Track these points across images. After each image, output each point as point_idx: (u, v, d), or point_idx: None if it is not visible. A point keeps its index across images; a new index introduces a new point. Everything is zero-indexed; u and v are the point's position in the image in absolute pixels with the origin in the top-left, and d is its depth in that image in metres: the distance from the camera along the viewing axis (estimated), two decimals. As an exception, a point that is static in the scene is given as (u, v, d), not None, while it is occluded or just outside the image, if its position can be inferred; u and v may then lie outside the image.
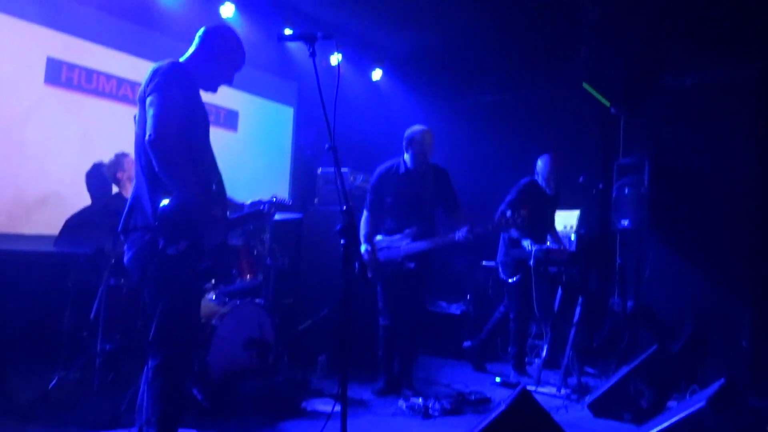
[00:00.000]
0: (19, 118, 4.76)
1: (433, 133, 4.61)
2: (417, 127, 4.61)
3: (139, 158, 2.68)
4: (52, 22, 4.92)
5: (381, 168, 4.73)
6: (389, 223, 4.65)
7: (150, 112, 2.51)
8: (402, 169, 4.63)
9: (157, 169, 2.51)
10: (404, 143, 4.62)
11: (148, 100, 2.56)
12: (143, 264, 2.59)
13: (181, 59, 2.84)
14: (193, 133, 2.64)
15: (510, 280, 5.41)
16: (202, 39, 2.87)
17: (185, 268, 2.57)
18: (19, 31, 4.73)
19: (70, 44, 5.07)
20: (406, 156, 4.62)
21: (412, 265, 4.47)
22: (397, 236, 4.55)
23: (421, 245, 4.47)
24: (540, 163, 5.52)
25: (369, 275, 4.46)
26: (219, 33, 2.89)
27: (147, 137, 2.49)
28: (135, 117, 2.75)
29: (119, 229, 2.69)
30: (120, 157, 4.64)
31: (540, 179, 5.50)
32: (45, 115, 4.92)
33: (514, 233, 5.28)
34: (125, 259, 2.70)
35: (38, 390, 3.88)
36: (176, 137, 2.51)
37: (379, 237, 4.62)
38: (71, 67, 5.08)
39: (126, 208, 2.70)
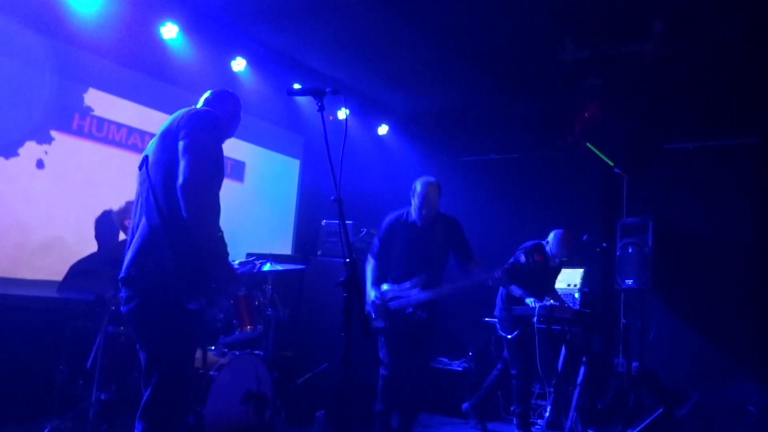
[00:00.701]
0: (28, 163, 4.82)
1: (439, 184, 4.58)
2: (422, 178, 4.59)
3: (150, 200, 2.55)
4: (65, 71, 5.04)
5: (390, 216, 4.69)
6: (395, 272, 4.54)
7: (186, 158, 2.48)
8: (410, 218, 4.58)
9: (186, 215, 2.42)
10: (411, 192, 4.60)
11: (182, 144, 2.52)
12: (155, 315, 2.45)
13: (198, 106, 2.89)
14: (218, 184, 2.62)
15: (508, 336, 5.36)
16: (214, 98, 2.98)
17: (199, 325, 2.49)
18: (32, 78, 4.84)
19: (82, 93, 5.18)
20: (413, 204, 4.57)
21: (424, 314, 4.34)
22: (406, 284, 4.43)
23: (435, 292, 4.33)
24: (552, 237, 5.54)
25: (372, 328, 4.41)
26: (226, 95, 3.03)
27: (180, 181, 2.44)
28: (141, 159, 2.70)
29: (122, 275, 2.55)
30: (129, 205, 4.66)
31: (548, 248, 5.52)
32: (54, 161, 4.98)
33: (515, 291, 5.26)
34: (126, 308, 2.54)
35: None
36: (208, 184, 2.49)
37: (385, 286, 4.52)
38: (83, 115, 5.17)
39: (131, 254, 2.55)
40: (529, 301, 5.16)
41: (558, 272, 5.72)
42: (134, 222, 2.67)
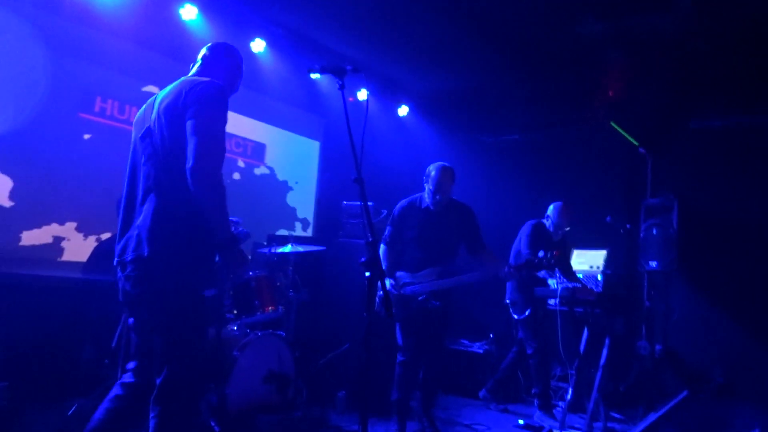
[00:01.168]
0: (52, 146, 4.86)
1: (452, 170, 4.53)
2: (436, 164, 4.54)
3: (151, 178, 2.52)
4: (86, 54, 5.06)
5: (403, 202, 4.67)
6: (409, 258, 4.53)
7: (195, 139, 2.42)
8: (423, 204, 4.56)
9: (198, 198, 2.38)
10: (424, 177, 4.57)
11: (190, 124, 2.45)
12: (171, 299, 2.42)
13: (192, 74, 2.83)
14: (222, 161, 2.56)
15: (519, 317, 5.35)
16: (213, 54, 2.89)
17: (212, 310, 2.52)
18: (54, 61, 4.87)
19: (103, 76, 5.20)
20: (427, 190, 4.55)
21: (437, 303, 4.34)
22: (422, 273, 4.42)
23: (448, 282, 4.32)
24: (552, 209, 5.52)
25: (392, 310, 4.41)
26: (223, 48, 2.93)
27: (189, 164, 2.39)
28: (144, 128, 2.62)
29: (131, 256, 2.47)
30: None
31: (548, 224, 5.48)
32: (77, 144, 5.02)
33: (540, 273, 5.21)
34: (135, 290, 2.48)
35: (57, 417, 3.86)
36: (218, 167, 2.45)
37: (400, 272, 4.51)
38: (105, 97, 5.20)
39: (142, 233, 2.46)
40: (552, 282, 5.12)
41: (564, 247, 5.64)
42: (129, 194, 2.61)
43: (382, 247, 4.61)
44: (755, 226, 6.15)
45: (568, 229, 5.52)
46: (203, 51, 2.89)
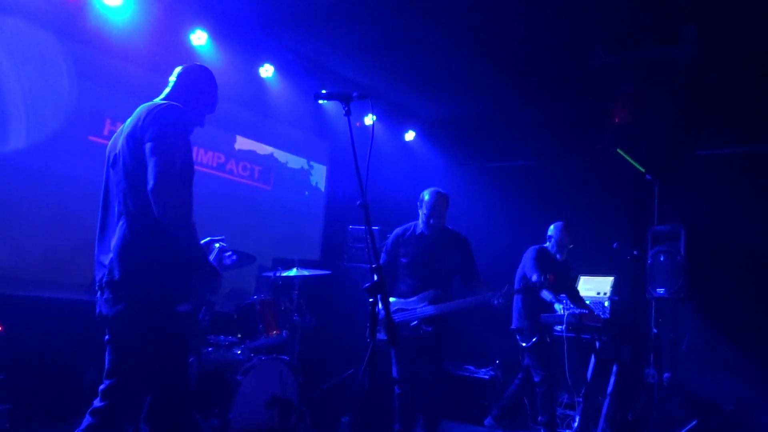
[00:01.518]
0: (60, 168, 4.90)
1: (447, 195, 4.51)
2: (430, 189, 4.53)
3: (120, 203, 2.58)
4: (96, 77, 5.13)
5: (398, 230, 4.66)
6: (403, 285, 4.49)
7: (152, 161, 2.46)
8: (417, 231, 4.53)
9: (160, 218, 2.42)
10: (418, 204, 4.55)
11: (148, 146, 2.50)
12: (147, 320, 2.45)
13: (160, 98, 2.85)
14: (188, 178, 2.59)
15: (526, 344, 5.31)
16: (184, 77, 2.91)
17: (190, 325, 2.48)
18: (64, 84, 4.93)
19: (113, 99, 5.26)
20: (421, 217, 4.52)
21: (429, 329, 4.27)
22: (413, 299, 4.38)
23: (440, 308, 4.26)
24: (552, 229, 5.52)
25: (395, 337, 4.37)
26: (196, 69, 2.95)
27: (150, 185, 2.42)
28: (112, 156, 2.70)
29: (104, 278, 2.53)
30: None
31: (551, 245, 5.46)
32: (86, 166, 5.06)
33: (546, 296, 5.18)
34: (110, 311, 2.52)
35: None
36: (178, 185, 2.47)
37: (392, 299, 4.44)
38: (114, 120, 5.25)
39: (113, 256, 2.53)
40: (558, 308, 5.09)
41: (569, 270, 5.62)
42: (102, 220, 2.72)
43: None
44: (763, 254, 6.11)
45: (571, 246, 5.50)
46: (173, 75, 2.95)
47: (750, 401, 5.72)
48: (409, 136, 7.77)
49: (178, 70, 2.94)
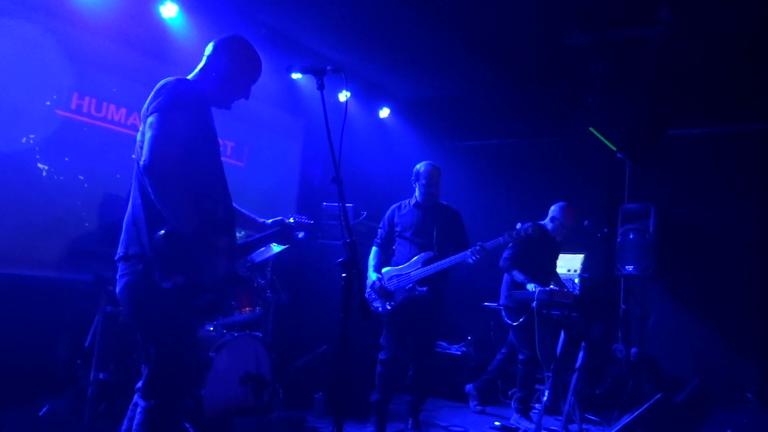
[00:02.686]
0: (27, 143, 4.79)
1: (440, 169, 4.71)
2: (424, 163, 4.74)
3: (136, 181, 2.51)
4: (63, 50, 4.99)
5: (392, 207, 4.84)
6: (399, 254, 4.67)
7: (148, 135, 2.36)
8: (412, 202, 4.74)
9: (152, 196, 2.34)
10: (413, 177, 4.75)
11: (148, 120, 2.40)
12: (136, 296, 2.42)
13: (190, 76, 2.70)
14: (195, 157, 2.47)
15: (515, 323, 5.35)
16: (213, 54, 2.68)
17: (181, 304, 2.33)
18: (31, 57, 4.80)
19: (81, 72, 5.13)
20: (416, 191, 4.72)
21: (424, 289, 4.42)
22: (406, 264, 4.54)
23: (433, 268, 4.44)
24: (555, 208, 5.50)
25: (371, 310, 4.44)
26: (229, 47, 2.69)
27: (142, 161, 2.34)
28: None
29: (116, 256, 2.50)
30: None
31: (551, 225, 5.48)
32: (53, 141, 4.95)
33: (518, 277, 5.24)
34: (117, 289, 2.50)
35: (28, 418, 3.80)
36: (174, 163, 2.35)
37: (387, 268, 4.62)
38: (82, 94, 5.13)
39: (123, 234, 2.52)
40: (530, 286, 5.15)
41: (559, 251, 5.67)
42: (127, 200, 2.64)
43: (374, 249, 4.76)
44: (730, 233, 6.26)
45: (569, 229, 5.50)
46: (206, 48, 2.74)
47: (714, 377, 5.89)
48: (384, 113, 7.73)
49: (210, 45, 2.71)
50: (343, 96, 6.12)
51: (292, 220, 3.00)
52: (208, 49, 2.70)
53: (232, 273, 2.52)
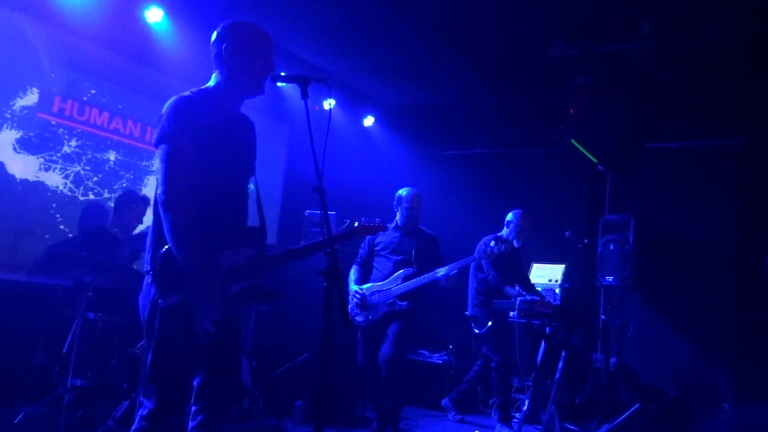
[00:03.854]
0: (4, 146, 4.73)
1: (421, 196, 4.97)
2: (406, 189, 4.99)
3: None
4: (47, 53, 4.95)
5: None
6: (378, 271, 4.83)
7: (159, 167, 2.33)
8: (393, 225, 4.94)
9: (164, 226, 2.28)
10: (395, 202, 4.99)
11: (158, 152, 2.36)
12: (142, 306, 2.38)
13: (210, 83, 2.60)
14: (206, 180, 2.39)
15: (479, 331, 5.46)
16: (215, 44, 2.57)
17: (178, 323, 2.26)
18: (14, 60, 4.75)
19: (63, 76, 5.09)
20: (398, 214, 4.96)
21: (404, 303, 4.59)
22: (387, 280, 4.71)
23: (412, 284, 4.62)
24: (512, 216, 5.65)
25: (351, 320, 4.50)
26: (229, 31, 2.58)
27: (158, 194, 2.31)
28: None
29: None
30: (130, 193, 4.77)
31: (509, 231, 5.59)
32: (33, 144, 4.90)
33: (512, 292, 5.33)
34: None
35: (3, 425, 3.74)
36: (186, 193, 2.30)
37: (367, 285, 4.78)
38: (65, 98, 5.09)
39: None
40: (510, 290, 5.27)
41: (522, 256, 5.77)
42: None
43: (353, 267, 4.98)
44: (707, 245, 6.35)
45: (527, 234, 5.62)
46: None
47: (691, 386, 5.95)
48: (368, 121, 7.75)
49: (213, 37, 2.57)
50: (327, 104, 6.12)
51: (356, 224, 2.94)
52: (211, 42, 2.60)
53: (249, 289, 2.45)
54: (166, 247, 2.26)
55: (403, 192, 4.98)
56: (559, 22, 5.52)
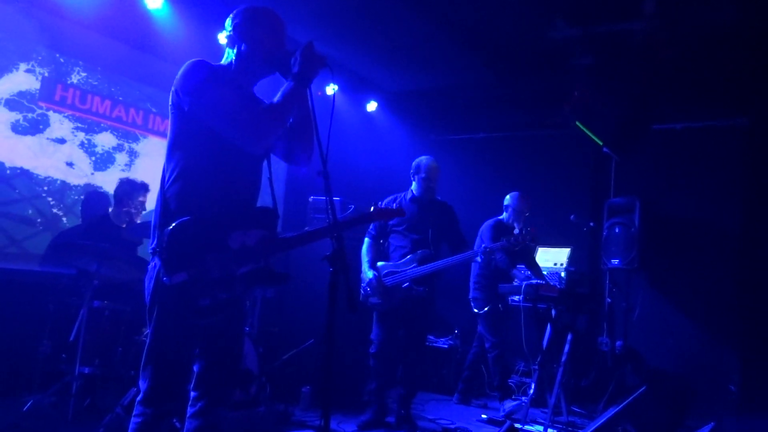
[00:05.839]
0: (6, 135, 4.72)
1: (439, 165, 4.74)
2: (425, 157, 4.77)
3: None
4: (47, 41, 4.92)
5: (387, 199, 4.80)
6: (393, 248, 4.65)
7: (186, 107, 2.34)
8: (409, 197, 4.73)
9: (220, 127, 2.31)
10: (412, 171, 4.75)
11: (178, 102, 2.37)
12: (147, 291, 2.33)
13: (223, 61, 2.62)
14: (219, 153, 2.38)
15: (479, 311, 5.47)
16: (229, 29, 2.59)
17: (182, 302, 2.22)
18: (15, 48, 4.73)
19: (66, 64, 5.07)
20: (414, 184, 4.74)
21: (421, 289, 4.44)
22: (403, 261, 4.53)
23: (430, 267, 4.43)
24: (509, 198, 5.65)
25: (359, 303, 4.46)
26: (239, 14, 2.61)
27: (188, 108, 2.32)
28: None
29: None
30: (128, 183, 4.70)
31: (508, 216, 5.59)
32: (36, 132, 4.88)
33: (501, 264, 5.33)
34: None
35: (11, 413, 3.76)
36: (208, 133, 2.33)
37: (381, 263, 4.60)
38: (66, 86, 5.07)
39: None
40: (515, 273, 5.29)
41: None
42: None
43: (366, 240, 4.71)
44: (714, 227, 6.31)
45: (527, 214, 5.61)
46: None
47: (697, 369, 5.95)
48: (371, 106, 7.71)
49: (228, 24, 2.59)
50: (331, 89, 6.08)
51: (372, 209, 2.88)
52: (225, 24, 2.60)
53: (258, 271, 2.42)
54: (174, 224, 2.22)
55: (421, 160, 4.73)
56: (559, 2, 5.45)
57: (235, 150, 2.41)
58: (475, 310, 5.59)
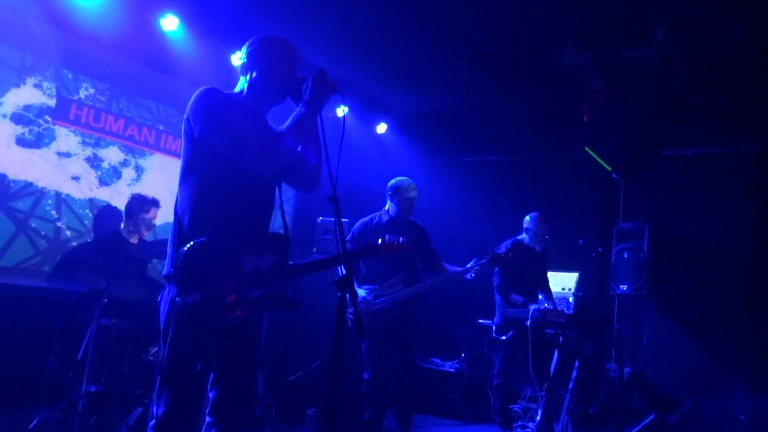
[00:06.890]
0: (21, 152, 4.78)
1: (416, 186, 4.72)
2: (402, 178, 4.75)
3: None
4: (63, 61, 5.00)
5: (364, 218, 4.81)
6: (370, 270, 4.60)
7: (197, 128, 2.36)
8: (385, 218, 4.71)
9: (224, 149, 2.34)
10: (389, 192, 4.74)
11: (188, 128, 2.40)
12: (162, 316, 2.33)
13: (236, 89, 2.65)
14: (232, 180, 2.40)
15: (503, 338, 5.40)
16: (243, 57, 2.65)
17: (195, 324, 2.20)
18: (24, 62, 4.81)
19: (80, 83, 5.14)
20: (390, 205, 4.72)
21: (407, 312, 4.45)
22: (388, 283, 4.50)
23: (417, 288, 4.44)
24: (528, 220, 5.60)
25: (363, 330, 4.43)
26: (254, 42, 2.67)
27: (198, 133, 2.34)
28: None
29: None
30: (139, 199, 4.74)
31: (527, 237, 5.54)
32: (51, 150, 4.95)
33: (517, 300, 5.30)
34: None
35: (18, 429, 3.77)
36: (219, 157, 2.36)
37: (362, 291, 4.51)
38: (80, 105, 5.14)
39: None
40: (516, 300, 5.25)
41: (546, 261, 5.71)
42: None
43: None
44: (723, 253, 6.28)
45: (547, 237, 5.57)
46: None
47: (707, 396, 5.89)
48: (381, 128, 7.76)
49: (243, 54, 2.64)
50: (341, 111, 6.12)
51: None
52: (241, 51, 2.64)
53: (269, 296, 2.42)
54: (189, 244, 2.22)
55: (398, 180, 4.71)
56: (570, 27, 5.50)
57: (248, 175, 2.43)
58: (502, 338, 5.45)
